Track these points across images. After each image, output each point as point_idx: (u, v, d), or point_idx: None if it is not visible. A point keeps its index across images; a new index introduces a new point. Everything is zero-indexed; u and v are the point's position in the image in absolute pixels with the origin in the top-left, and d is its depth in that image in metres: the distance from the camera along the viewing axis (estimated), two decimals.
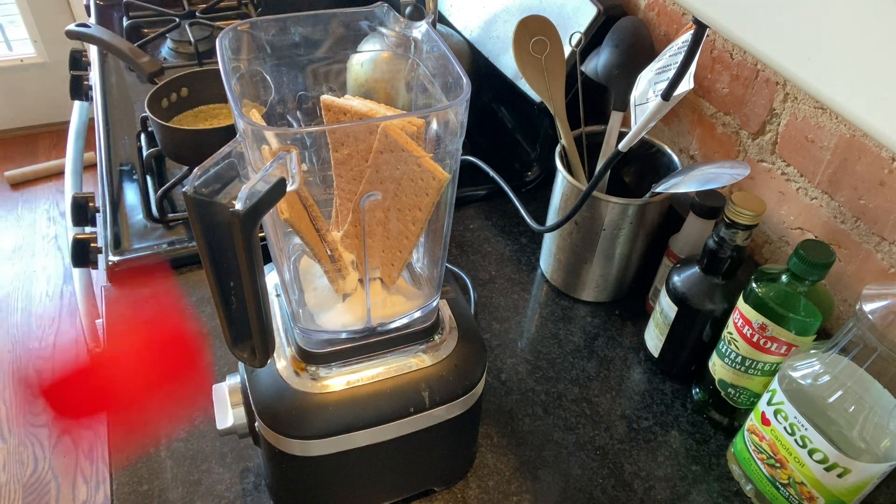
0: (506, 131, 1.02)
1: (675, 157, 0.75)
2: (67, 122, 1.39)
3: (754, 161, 0.74)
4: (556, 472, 0.64)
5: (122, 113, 1.06)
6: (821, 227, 0.68)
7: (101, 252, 0.84)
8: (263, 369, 0.51)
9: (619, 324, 0.79)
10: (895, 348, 0.48)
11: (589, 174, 0.79)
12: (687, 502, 0.62)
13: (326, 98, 0.46)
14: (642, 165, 0.80)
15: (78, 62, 1.31)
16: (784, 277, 0.57)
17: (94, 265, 0.91)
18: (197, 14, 1.26)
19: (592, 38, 0.81)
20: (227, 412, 0.55)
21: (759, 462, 0.60)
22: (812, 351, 0.55)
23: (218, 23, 1.24)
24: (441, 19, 1.07)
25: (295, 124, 0.52)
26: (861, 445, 0.51)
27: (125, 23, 1.25)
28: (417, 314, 0.52)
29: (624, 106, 0.73)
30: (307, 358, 0.50)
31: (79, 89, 1.30)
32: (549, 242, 0.82)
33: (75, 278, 1.10)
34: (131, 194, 0.90)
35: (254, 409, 0.51)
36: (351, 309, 0.51)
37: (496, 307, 0.80)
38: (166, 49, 1.22)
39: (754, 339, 0.60)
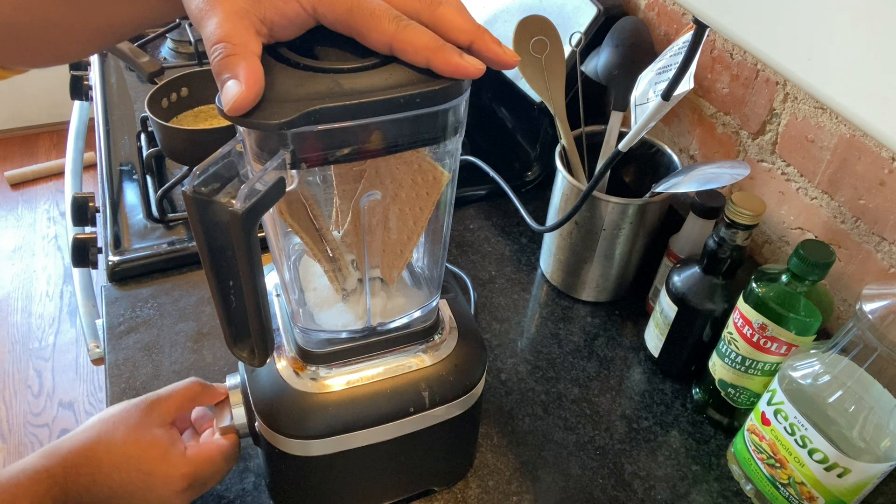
0: (506, 131, 1.02)
1: (675, 157, 0.75)
2: (67, 122, 1.39)
3: (754, 161, 0.74)
4: (556, 472, 0.64)
5: (122, 113, 1.06)
6: (821, 227, 0.68)
7: (101, 252, 0.84)
8: (263, 369, 0.51)
9: (619, 324, 0.79)
10: (895, 348, 0.48)
11: (589, 174, 0.79)
12: (687, 502, 0.62)
13: None
14: (642, 165, 0.80)
15: (78, 62, 1.31)
16: (784, 277, 0.57)
17: (94, 265, 0.91)
18: None
19: (592, 38, 0.81)
20: (227, 412, 0.55)
21: (759, 462, 0.60)
22: (812, 351, 0.55)
23: None
24: None
25: None
26: (861, 445, 0.51)
27: None
28: (417, 314, 0.52)
29: (624, 106, 0.73)
30: (307, 358, 0.50)
31: (79, 89, 1.30)
32: (549, 242, 0.82)
33: (75, 278, 1.10)
34: (131, 194, 0.91)
35: (254, 409, 0.51)
36: (351, 309, 0.51)
37: (496, 307, 0.80)
38: (166, 49, 1.22)
39: (754, 339, 0.60)
